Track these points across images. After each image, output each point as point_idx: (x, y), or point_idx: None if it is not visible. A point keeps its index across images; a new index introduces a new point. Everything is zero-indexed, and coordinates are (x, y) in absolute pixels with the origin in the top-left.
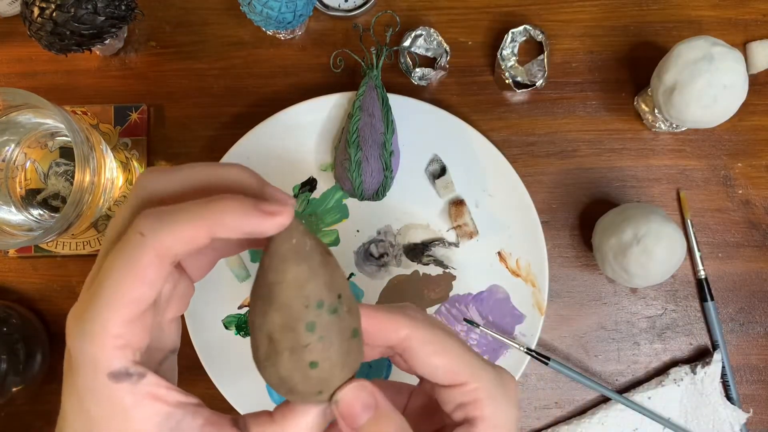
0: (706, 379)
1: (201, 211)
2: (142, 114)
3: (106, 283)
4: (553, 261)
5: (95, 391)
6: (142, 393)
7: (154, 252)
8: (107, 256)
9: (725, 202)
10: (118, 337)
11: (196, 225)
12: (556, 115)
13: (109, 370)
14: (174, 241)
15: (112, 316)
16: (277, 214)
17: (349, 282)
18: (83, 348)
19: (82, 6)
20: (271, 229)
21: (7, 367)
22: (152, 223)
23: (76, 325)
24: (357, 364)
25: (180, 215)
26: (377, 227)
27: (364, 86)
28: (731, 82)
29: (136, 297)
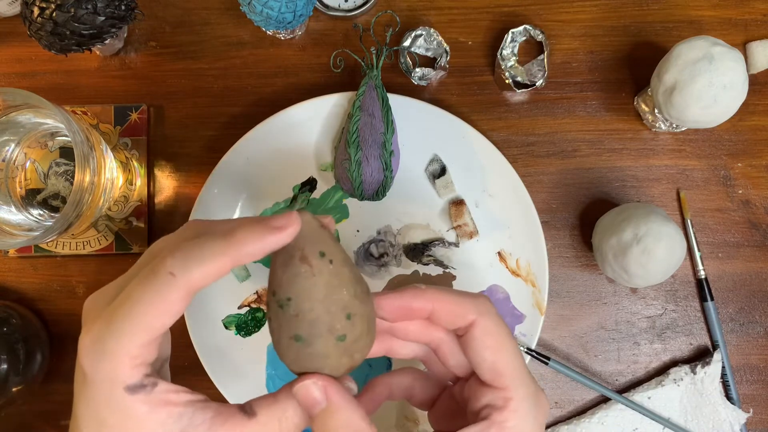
0: (706, 379)
1: (224, 246)
2: (142, 114)
3: (132, 312)
4: (553, 261)
5: (111, 403)
6: (156, 401)
7: (183, 290)
8: (132, 286)
9: (725, 202)
10: (136, 356)
11: (221, 260)
12: (556, 115)
13: (126, 384)
14: (201, 278)
15: (133, 339)
16: (287, 227)
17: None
18: (100, 365)
19: (82, 6)
20: (285, 240)
21: (7, 367)
22: (181, 262)
23: (94, 344)
24: (351, 362)
25: (206, 253)
26: (377, 227)
27: (364, 86)
28: (731, 82)
29: (159, 326)
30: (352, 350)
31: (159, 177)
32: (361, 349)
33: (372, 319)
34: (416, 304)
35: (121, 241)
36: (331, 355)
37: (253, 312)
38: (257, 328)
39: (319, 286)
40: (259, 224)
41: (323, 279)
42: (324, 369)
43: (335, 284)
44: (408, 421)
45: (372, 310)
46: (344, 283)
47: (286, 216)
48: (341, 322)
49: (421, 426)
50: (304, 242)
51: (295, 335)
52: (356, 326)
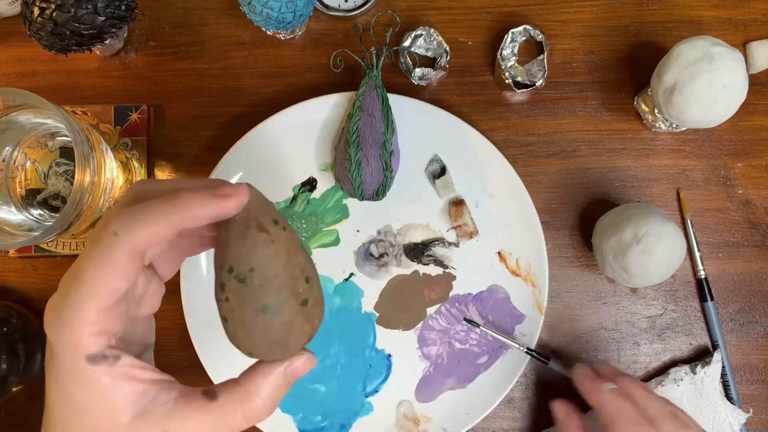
0: (706, 379)
1: (167, 207)
2: (142, 114)
3: (83, 278)
4: (553, 261)
5: (75, 374)
6: (119, 373)
7: (127, 249)
8: (82, 253)
9: (725, 202)
10: (95, 323)
11: (164, 221)
12: (556, 115)
13: (87, 353)
14: (145, 237)
15: (89, 305)
16: (233, 195)
17: (349, 282)
18: (62, 335)
19: (82, 6)
20: (230, 209)
21: (7, 367)
22: (125, 223)
23: (55, 315)
24: (312, 330)
25: (148, 214)
26: (377, 227)
27: (364, 86)
28: (731, 82)
29: (111, 289)
30: (312, 315)
31: (159, 177)
32: (319, 314)
33: (320, 283)
34: None
35: None
36: (296, 323)
37: None
38: None
39: (281, 252)
40: (206, 190)
41: (282, 245)
42: (291, 340)
43: (292, 250)
44: (408, 421)
45: (317, 273)
46: (299, 248)
47: (233, 185)
48: (303, 285)
49: (422, 426)
50: (257, 212)
51: (263, 306)
52: (314, 289)
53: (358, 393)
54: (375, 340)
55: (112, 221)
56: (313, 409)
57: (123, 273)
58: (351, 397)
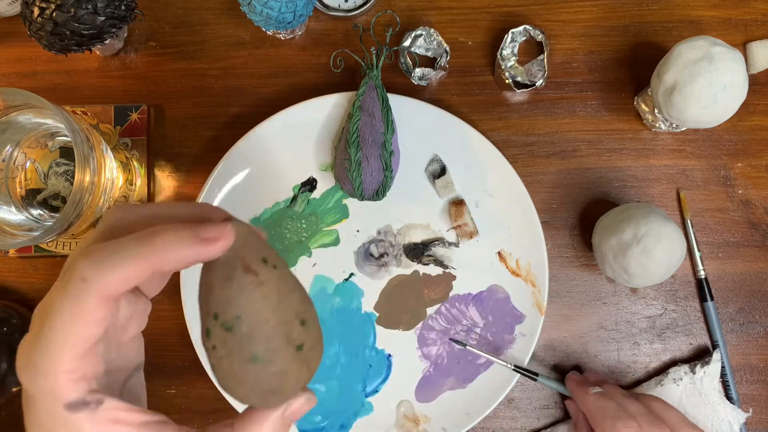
0: (706, 378)
1: (141, 248)
2: (142, 114)
3: (54, 325)
4: (553, 261)
5: (55, 423)
6: (102, 419)
7: (97, 295)
8: (49, 295)
9: (725, 202)
10: (72, 371)
11: (136, 264)
12: (556, 115)
13: (65, 401)
14: (117, 282)
15: (64, 353)
16: (218, 239)
17: (349, 282)
18: (38, 383)
19: (82, 6)
20: (214, 253)
21: (7, 367)
22: (94, 266)
23: (28, 363)
24: (308, 374)
25: (120, 255)
26: (377, 227)
27: (364, 86)
28: (731, 82)
29: (84, 336)
30: (309, 359)
31: (159, 177)
32: (317, 356)
33: (318, 322)
34: None
35: None
36: (291, 371)
37: None
38: None
39: (270, 294)
40: (186, 231)
41: (272, 287)
42: (284, 388)
43: (285, 290)
44: (408, 421)
45: (315, 312)
46: (293, 288)
47: (218, 227)
48: (297, 329)
49: (421, 426)
50: (244, 251)
51: (253, 356)
52: (311, 331)
53: (358, 393)
54: (375, 340)
55: (80, 264)
56: (313, 409)
57: (95, 319)
58: (351, 397)
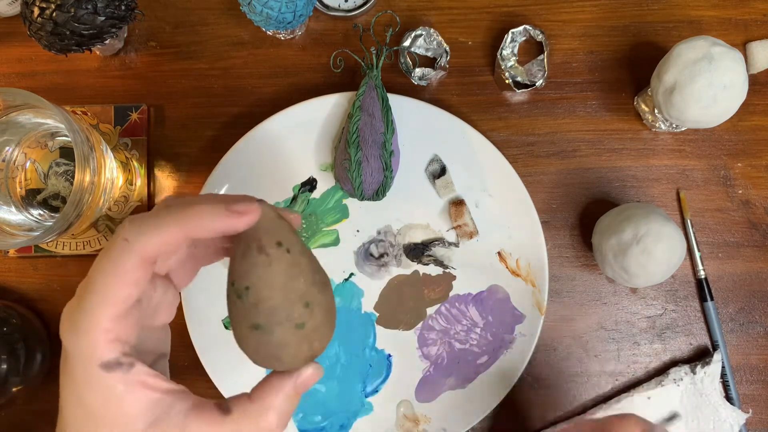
0: (706, 379)
1: (178, 215)
2: (142, 114)
3: (95, 285)
4: (553, 261)
5: (89, 381)
6: (133, 381)
7: (137, 255)
8: (96, 260)
9: (725, 202)
10: (108, 331)
11: (174, 228)
12: (556, 115)
13: (101, 360)
14: (155, 244)
15: (102, 312)
16: (245, 213)
17: (349, 282)
18: (77, 342)
19: (82, 6)
20: (240, 226)
21: (7, 367)
22: (135, 229)
23: (69, 321)
24: (310, 350)
25: (160, 221)
26: (377, 227)
27: (364, 86)
28: (731, 82)
29: (123, 296)
30: (312, 338)
31: (159, 177)
32: (321, 337)
33: (332, 308)
34: None
35: None
36: (290, 344)
37: None
38: None
39: (277, 274)
40: (219, 204)
41: (281, 268)
42: (283, 357)
43: (293, 273)
44: (408, 421)
45: (331, 300)
46: (302, 272)
47: (246, 203)
48: (299, 310)
49: (421, 426)
50: (262, 233)
51: (254, 324)
52: (315, 315)
53: (358, 393)
54: (375, 340)
55: (124, 227)
56: (313, 409)
57: (133, 279)
58: (351, 397)
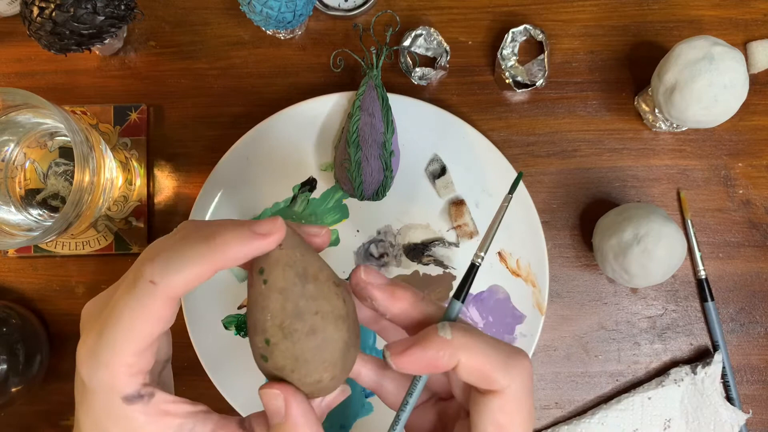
0: (707, 379)
1: (204, 249)
2: (142, 114)
3: (119, 321)
4: (553, 261)
5: (111, 413)
6: (154, 411)
7: (164, 296)
8: (117, 295)
9: (726, 202)
10: (131, 365)
11: (202, 264)
12: (557, 115)
13: (123, 393)
14: (183, 283)
15: (126, 348)
16: (271, 233)
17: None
18: (97, 375)
19: (82, 6)
20: (269, 246)
21: (7, 368)
22: (161, 269)
23: (89, 355)
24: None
25: (186, 258)
26: (377, 227)
27: (364, 86)
28: (731, 82)
29: (147, 332)
30: (273, 369)
31: (159, 177)
32: (282, 370)
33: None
34: (441, 361)
35: (121, 241)
36: (264, 359)
37: None
38: None
39: (267, 298)
40: (243, 229)
41: (266, 294)
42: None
43: (269, 303)
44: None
45: (344, 334)
46: (275, 305)
47: (270, 222)
48: (272, 338)
49: None
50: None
51: (261, 355)
52: (277, 352)
53: (358, 393)
54: (375, 341)
55: (147, 268)
56: None
57: (160, 318)
58: (351, 397)
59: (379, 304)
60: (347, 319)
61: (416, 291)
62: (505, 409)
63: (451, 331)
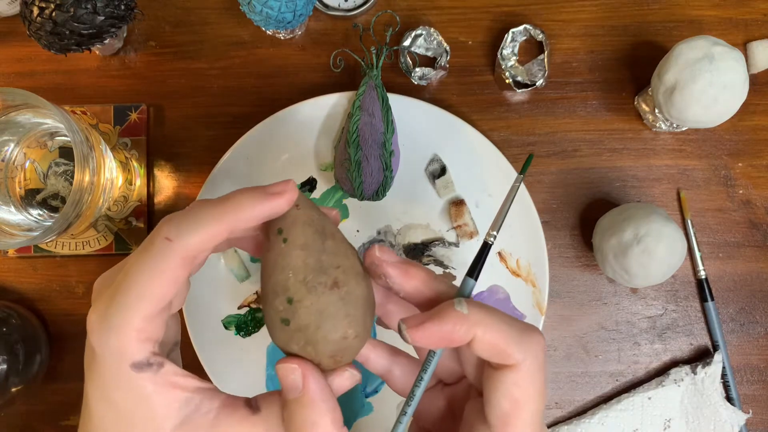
0: (707, 379)
1: (219, 211)
2: (142, 114)
3: (133, 284)
4: (553, 261)
5: (119, 381)
6: (163, 381)
7: (180, 255)
8: (133, 257)
9: (726, 202)
10: (141, 330)
11: (216, 224)
12: (557, 115)
13: (132, 360)
14: (199, 242)
15: (137, 311)
16: (284, 193)
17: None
18: (108, 341)
19: (82, 6)
20: (282, 206)
21: (7, 368)
22: (177, 227)
23: (100, 321)
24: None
25: (201, 218)
26: (377, 227)
27: (364, 86)
28: (732, 82)
29: (160, 295)
30: (293, 330)
31: (159, 177)
32: (300, 339)
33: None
34: (458, 334)
35: (121, 241)
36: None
37: (253, 312)
38: (257, 329)
39: (277, 258)
40: (256, 190)
41: (273, 255)
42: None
43: (281, 264)
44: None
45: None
46: (287, 265)
47: (283, 183)
48: (282, 302)
49: None
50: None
51: (282, 319)
52: (299, 312)
53: (358, 393)
54: (375, 334)
55: (164, 226)
56: None
57: (174, 278)
58: (351, 397)
59: (393, 282)
60: (366, 278)
61: (429, 270)
62: (520, 384)
63: (467, 306)
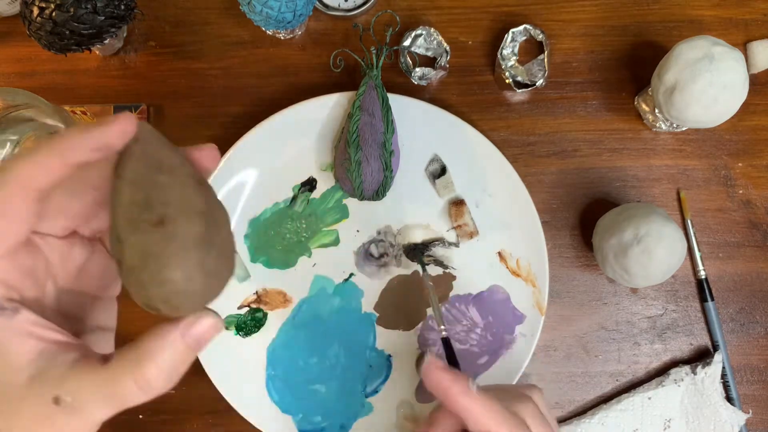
0: (707, 379)
1: (55, 142)
2: (142, 114)
3: None
4: (553, 261)
5: None
6: (16, 328)
7: (18, 186)
8: None
9: (726, 202)
10: None
11: (49, 155)
12: (557, 115)
13: None
14: (34, 171)
15: None
16: (116, 123)
17: (349, 282)
18: None
19: (82, 6)
20: (113, 136)
21: None
22: (12, 161)
23: None
24: (213, 289)
25: (37, 150)
26: (377, 227)
27: (364, 86)
28: (732, 82)
29: (5, 231)
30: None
31: None
32: (218, 274)
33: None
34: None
35: None
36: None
37: (253, 312)
38: (257, 329)
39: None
40: (95, 122)
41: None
42: None
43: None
44: (408, 422)
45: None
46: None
47: (120, 114)
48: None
49: None
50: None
51: (117, 261)
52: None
53: (358, 393)
54: (375, 341)
55: (3, 164)
56: (313, 409)
57: (17, 213)
58: (351, 398)
59: None
60: (206, 217)
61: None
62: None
63: (475, 385)
